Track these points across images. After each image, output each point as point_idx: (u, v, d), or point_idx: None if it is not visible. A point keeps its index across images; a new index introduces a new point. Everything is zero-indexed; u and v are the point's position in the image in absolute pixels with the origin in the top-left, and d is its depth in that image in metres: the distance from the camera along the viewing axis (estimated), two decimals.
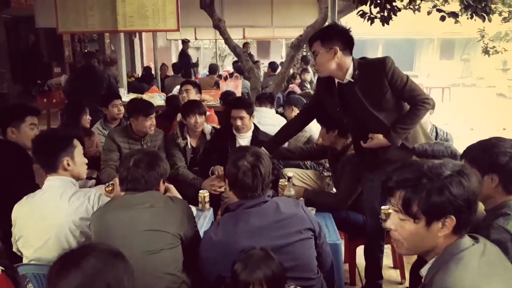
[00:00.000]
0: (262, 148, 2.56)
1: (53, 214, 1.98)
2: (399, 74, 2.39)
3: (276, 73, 7.55)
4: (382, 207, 2.38)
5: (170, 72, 9.22)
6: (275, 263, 1.57)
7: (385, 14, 5.32)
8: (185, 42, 10.15)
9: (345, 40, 2.42)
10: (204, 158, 3.57)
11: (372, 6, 5.27)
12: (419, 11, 6.10)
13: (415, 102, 2.39)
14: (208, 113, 3.98)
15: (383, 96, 2.39)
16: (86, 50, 12.12)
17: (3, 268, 1.57)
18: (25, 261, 1.99)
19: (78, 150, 2.16)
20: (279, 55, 19.21)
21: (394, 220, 1.36)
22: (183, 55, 10.20)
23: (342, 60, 2.40)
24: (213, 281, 1.80)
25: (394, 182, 1.35)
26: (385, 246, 2.92)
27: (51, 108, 6.53)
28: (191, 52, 18.77)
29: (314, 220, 1.87)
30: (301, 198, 2.77)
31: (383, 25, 5.42)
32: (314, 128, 4.36)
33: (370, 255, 2.83)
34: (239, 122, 3.45)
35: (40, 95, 6.38)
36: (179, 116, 4.04)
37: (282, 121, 4.26)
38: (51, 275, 1.10)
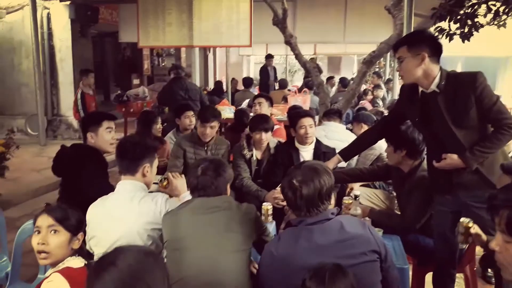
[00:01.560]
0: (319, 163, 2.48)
1: (123, 216, 2.07)
2: (489, 93, 2.22)
3: (347, 89, 7.43)
4: (462, 219, 2.15)
5: (240, 86, 9.40)
6: (350, 280, 1.53)
7: (466, 30, 5.04)
8: (268, 58, 9.99)
9: (433, 46, 2.30)
10: (268, 171, 3.59)
11: (452, 22, 5.03)
12: (504, 27, 5.72)
13: (500, 126, 2.21)
14: (277, 126, 4.01)
15: (466, 113, 2.23)
16: (163, 64, 12.81)
17: (85, 262, 1.67)
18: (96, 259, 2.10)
19: (156, 161, 2.31)
20: (350, 71, 18.94)
21: (499, 241, 1.24)
22: (264, 70, 10.16)
23: (429, 68, 2.28)
24: None
25: (500, 200, 1.24)
26: (458, 275, 2.73)
27: (128, 117, 6.92)
28: (259, 67, 19.08)
29: (380, 242, 1.77)
30: (367, 218, 2.67)
31: (463, 42, 5.14)
32: (384, 146, 4.21)
33: (439, 284, 2.65)
34: (308, 130, 3.47)
35: (120, 104, 6.79)
36: (247, 129, 4.11)
37: (351, 137, 4.16)
38: (89, 277, 1.13)
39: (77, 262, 1.64)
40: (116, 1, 8.48)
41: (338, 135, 4.06)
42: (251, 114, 4.74)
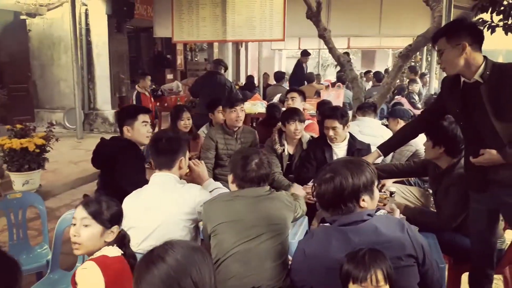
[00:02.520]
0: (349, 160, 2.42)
1: (158, 207, 2.11)
2: None
3: (382, 83, 7.28)
4: None
5: (272, 81, 9.35)
6: (389, 263, 1.53)
7: (509, 22, 4.83)
8: (304, 55, 9.69)
9: (474, 34, 2.20)
10: (300, 166, 3.56)
11: (494, 14, 4.83)
12: None
13: None
14: (309, 121, 3.98)
15: (509, 105, 2.13)
16: (196, 59, 12.93)
17: (122, 252, 1.70)
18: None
19: (187, 152, 2.35)
20: (384, 65, 18.56)
21: None
22: (299, 66, 9.85)
23: (472, 57, 2.18)
24: None
25: None
26: (496, 276, 2.63)
27: (162, 111, 7.04)
28: (292, 62, 18.97)
29: (418, 245, 1.69)
30: (401, 215, 2.60)
31: (506, 34, 4.92)
32: (420, 143, 4.11)
33: (475, 285, 2.56)
34: (331, 132, 3.40)
35: (154, 98, 6.91)
36: (279, 124, 4.09)
37: (387, 133, 4.08)
38: (138, 269, 1.15)
39: (114, 251, 1.67)
40: None
41: (372, 131, 3.99)
42: (283, 109, 4.72)
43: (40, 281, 2.49)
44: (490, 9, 4.86)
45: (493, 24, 4.98)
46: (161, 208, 2.11)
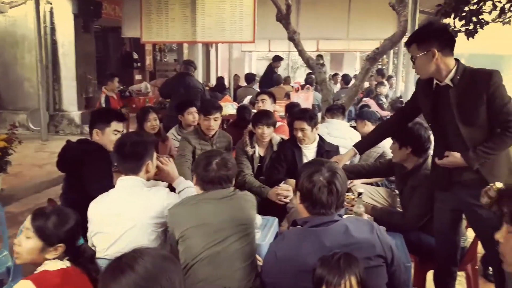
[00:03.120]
0: (334, 161, 2.46)
1: (125, 212, 2.07)
2: (502, 93, 2.16)
3: (350, 86, 7.41)
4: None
5: (242, 83, 9.33)
6: (361, 267, 1.54)
7: (471, 27, 5.01)
8: (277, 60, 9.66)
9: (443, 39, 2.25)
10: (271, 168, 3.57)
11: (457, 19, 5.00)
12: (509, 24, 5.68)
13: (506, 128, 2.17)
14: (280, 123, 4.00)
15: (475, 110, 2.19)
16: (165, 60, 12.77)
17: (68, 265, 1.60)
18: (98, 255, 2.09)
19: (155, 154, 2.29)
20: (352, 68, 18.89)
21: (503, 232, 1.26)
22: (270, 71, 9.66)
23: (442, 62, 2.23)
24: None
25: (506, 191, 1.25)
26: (459, 273, 2.72)
27: (130, 113, 6.92)
28: (263, 63, 19.03)
29: (387, 246, 1.73)
30: (368, 216, 2.65)
31: (468, 39, 5.11)
32: (387, 145, 4.20)
33: (440, 282, 2.64)
34: (300, 134, 3.43)
35: (122, 100, 6.79)
36: (250, 125, 4.10)
37: (355, 135, 4.15)
38: (104, 277, 1.11)
39: (55, 265, 1.58)
40: None
41: (341, 133, 4.05)
42: (254, 111, 4.72)
43: None
44: (452, 15, 5.04)
45: (455, 29, 5.16)
46: (128, 213, 2.07)
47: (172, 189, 2.37)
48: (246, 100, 6.83)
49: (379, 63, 12.15)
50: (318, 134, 3.55)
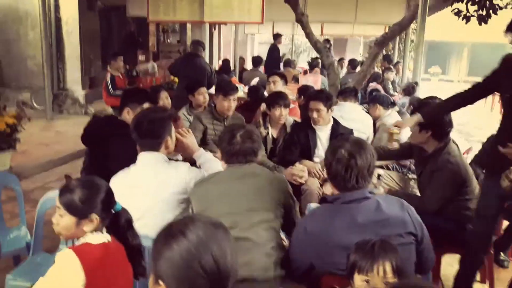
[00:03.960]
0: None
1: (148, 188, 2.06)
2: None
3: (358, 70, 7.36)
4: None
5: (247, 66, 9.25)
6: (398, 255, 1.51)
7: (483, 13, 4.96)
8: (277, 37, 9.65)
9: None
10: (284, 149, 3.57)
11: (469, 4, 4.94)
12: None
13: None
14: (292, 105, 3.98)
15: None
16: (168, 41, 12.65)
17: (109, 239, 1.60)
18: None
19: (173, 130, 2.27)
20: (356, 53, 18.77)
21: None
22: (275, 49, 9.66)
23: None
24: (304, 270, 1.77)
25: None
26: None
27: None
28: (264, 48, 18.91)
29: (418, 224, 1.75)
30: None
31: (480, 24, 5.04)
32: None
33: (468, 267, 2.61)
34: (315, 114, 3.42)
35: (129, 80, 6.73)
36: (263, 107, 4.07)
37: (367, 118, 4.14)
38: (156, 244, 1.11)
39: (98, 238, 1.59)
40: None
41: (354, 116, 4.03)
42: (265, 92, 4.70)
43: (23, 263, 2.40)
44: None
45: (468, 14, 5.11)
46: (151, 189, 2.06)
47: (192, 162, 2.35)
48: (253, 83, 6.78)
49: (386, 48, 12.07)
50: (332, 117, 3.54)
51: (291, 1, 6.61)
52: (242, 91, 6.30)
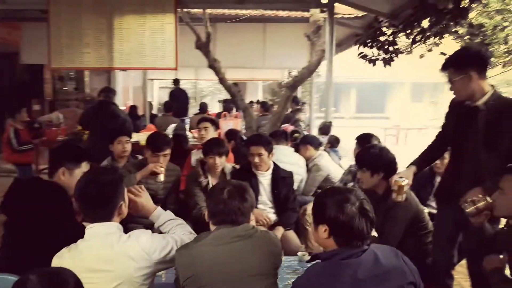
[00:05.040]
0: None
1: (104, 268, 1.74)
2: None
3: (272, 113, 7.57)
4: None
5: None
6: None
7: (387, 56, 5.43)
8: (177, 82, 9.83)
9: (480, 64, 2.37)
10: None
11: (375, 48, 5.37)
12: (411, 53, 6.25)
13: None
14: None
15: (502, 137, 2.30)
16: (65, 88, 11.85)
17: None
18: None
19: (125, 191, 1.96)
20: (255, 97, 19.37)
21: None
22: (179, 91, 9.68)
23: (479, 84, 2.36)
24: None
25: None
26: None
27: (41, 146, 6.19)
28: (164, 92, 18.67)
29: (415, 271, 1.68)
30: None
31: (385, 66, 5.52)
32: (331, 167, 4.29)
33: None
34: (257, 159, 3.36)
35: (32, 133, 6.05)
36: (195, 154, 3.92)
37: (301, 160, 4.18)
38: None
39: None
40: (18, 20, 7.67)
41: (288, 158, 4.04)
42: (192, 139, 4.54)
43: None
44: (370, 44, 5.43)
45: (373, 57, 5.56)
46: (109, 268, 1.74)
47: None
48: (170, 129, 6.55)
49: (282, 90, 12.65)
50: (272, 161, 3.50)
51: (202, 48, 6.67)
52: None
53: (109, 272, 1.73)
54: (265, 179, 3.45)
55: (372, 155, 2.73)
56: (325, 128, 5.82)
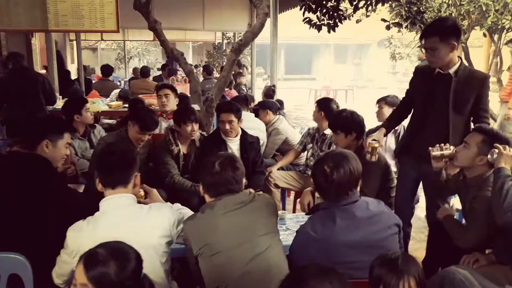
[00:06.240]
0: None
1: (128, 236, 1.72)
2: (487, 94, 2.67)
3: (219, 77, 7.54)
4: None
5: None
6: (420, 266, 1.61)
7: (332, 22, 5.64)
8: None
9: (459, 35, 2.61)
10: (197, 165, 3.49)
11: (318, 13, 5.54)
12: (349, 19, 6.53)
13: (479, 121, 2.65)
14: None
15: (467, 101, 2.62)
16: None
17: None
18: None
19: None
20: (187, 58, 18.99)
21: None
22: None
23: (454, 54, 2.60)
24: None
25: None
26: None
27: None
28: (88, 53, 17.63)
29: (396, 216, 2.02)
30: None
31: (329, 32, 5.73)
32: (289, 130, 4.50)
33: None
34: (227, 126, 3.46)
35: None
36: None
37: (261, 124, 4.32)
38: None
39: None
40: None
41: (250, 124, 4.16)
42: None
43: None
44: (316, 10, 5.59)
45: (318, 23, 5.74)
46: (133, 236, 1.75)
47: None
48: (114, 95, 6.33)
49: (224, 54, 12.57)
50: (240, 127, 3.60)
51: (142, 9, 6.40)
52: (105, 104, 5.85)
53: (133, 240, 1.78)
54: (234, 144, 3.56)
55: (344, 119, 2.98)
56: (269, 93, 5.98)
